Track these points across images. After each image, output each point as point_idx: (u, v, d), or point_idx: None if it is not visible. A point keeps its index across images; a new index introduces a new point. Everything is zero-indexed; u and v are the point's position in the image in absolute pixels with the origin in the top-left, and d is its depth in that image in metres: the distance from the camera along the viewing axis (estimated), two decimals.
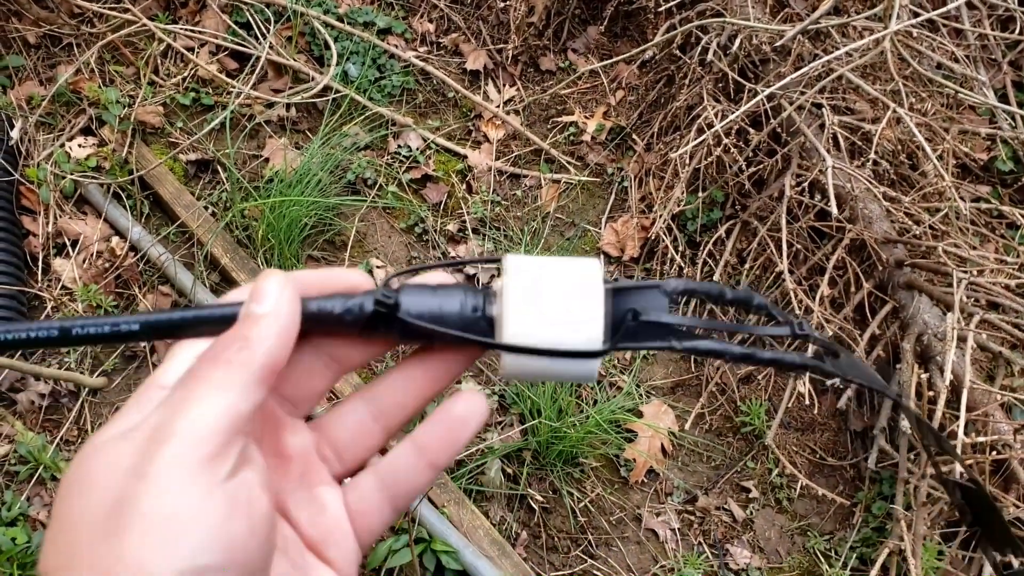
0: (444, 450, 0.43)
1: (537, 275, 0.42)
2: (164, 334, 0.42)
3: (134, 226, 1.97)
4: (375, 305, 0.42)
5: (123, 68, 2.17)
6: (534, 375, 0.43)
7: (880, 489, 1.90)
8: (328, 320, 0.42)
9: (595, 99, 2.39)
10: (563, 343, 0.41)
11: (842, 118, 1.96)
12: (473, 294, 0.44)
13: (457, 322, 0.43)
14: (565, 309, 0.42)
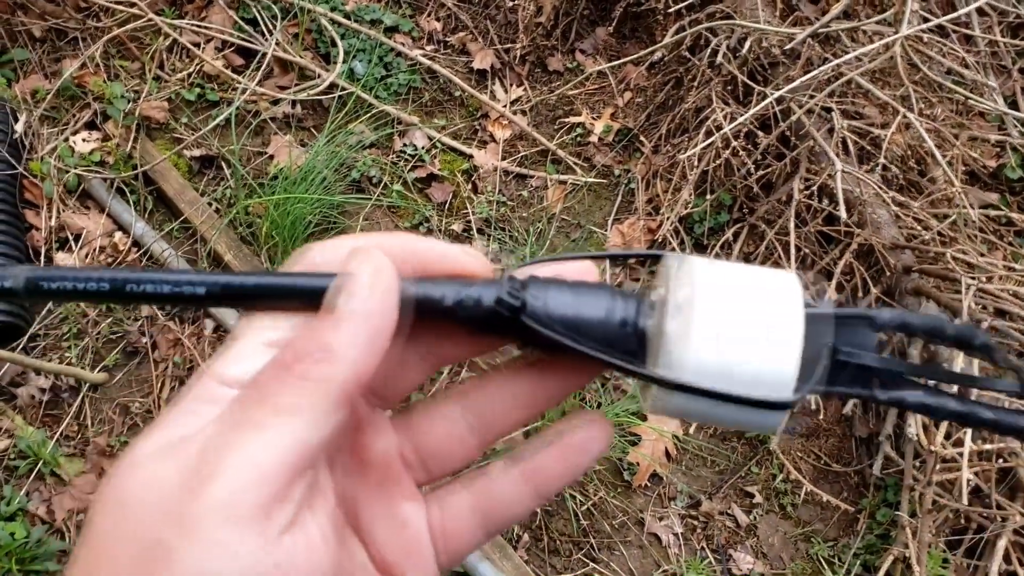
0: (556, 479, 0.37)
1: (718, 288, 0.33)
2: (235, 301, 0.34)
3: (137, 221, 1.96)
4: (497, 304, 0.34)
5: (128, 63, 2.16)
6: (693, 417, 0.34)
7: (885, 496, 1.88)
8: (434, 311, 0.34)
9: (603, 100, 2.38)
10: (744, 385, 0.32)
11: (851, 122, 1.95)
12: (623, 300, 0.35)
13: (599, 335, 0.34)
14: (753, 340, 0.32)
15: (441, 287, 0.35)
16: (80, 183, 1.97)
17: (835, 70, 1.89)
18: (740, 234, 2.05)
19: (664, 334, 0.33)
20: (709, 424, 0.33)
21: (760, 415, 0.32)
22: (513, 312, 0.34)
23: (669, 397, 0.33)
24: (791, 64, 2.01)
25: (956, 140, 1.98)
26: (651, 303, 0.35)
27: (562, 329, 0.34)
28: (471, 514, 0.37)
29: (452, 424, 0.37)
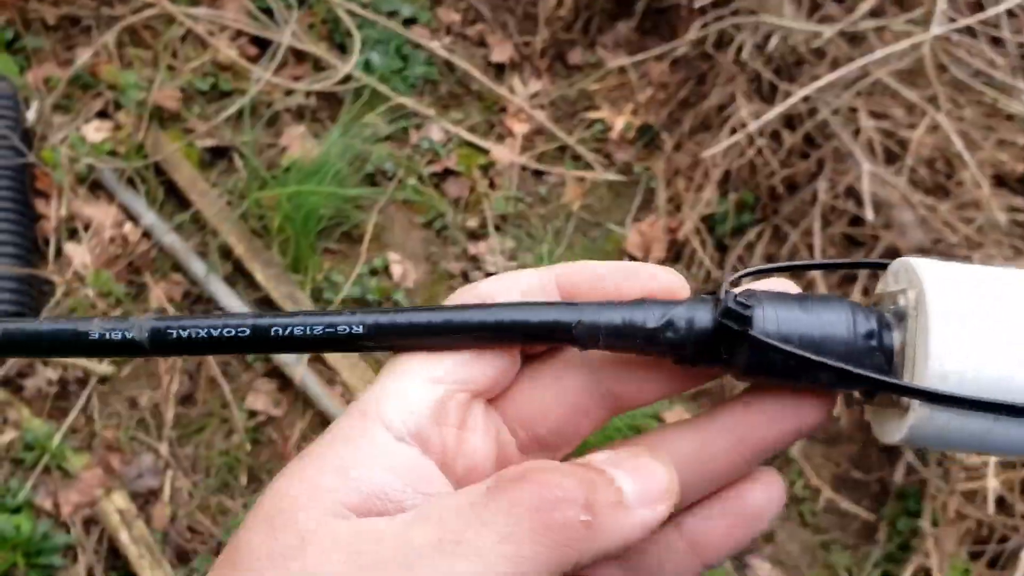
0: (724, 549, 0.33)
1: (970, 288, 0.29)
2: (398, 339, 0.31)
3: (147, 212, 1.93)
4: (724, 317, 0.29)
5: (141, 51, 2.13)
6: (955, 441, 0.29)
7: (906, 505, 1.85)
8: (632, 337, 0.30)
9: (623, 96, 2.34)
10: (1015, 391, 0.28)
11: (878, 123, 1.91)
12: (864, 314, 0.30)
13: (840, 352, 0.30)
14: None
15: (641, 310, 0.30)
16: (91, 172, 1.94)
17: (862, 69, 1.85)
18: (763, 235, 2.01)
19: (902, 347, 0.30)
20: (974, 451, 0.29)
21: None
22: (742, 325, 0.29)
23: (934, 419, 0.28)
24: (817, 62, 1.97)
25: (984, 143, 1.94)
26: (895, 314, 0.31)
27: (802, 346, 0.29)
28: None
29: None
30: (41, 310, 1.78)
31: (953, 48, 1.95)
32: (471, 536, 0.26)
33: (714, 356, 0.30)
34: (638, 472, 0.28)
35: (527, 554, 0.25)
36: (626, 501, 0.27)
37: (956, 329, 0.28)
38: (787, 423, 0.31)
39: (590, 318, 0.30)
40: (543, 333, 0.31)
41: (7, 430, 1.68)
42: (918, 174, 1.90)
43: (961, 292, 0.29)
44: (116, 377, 1.78)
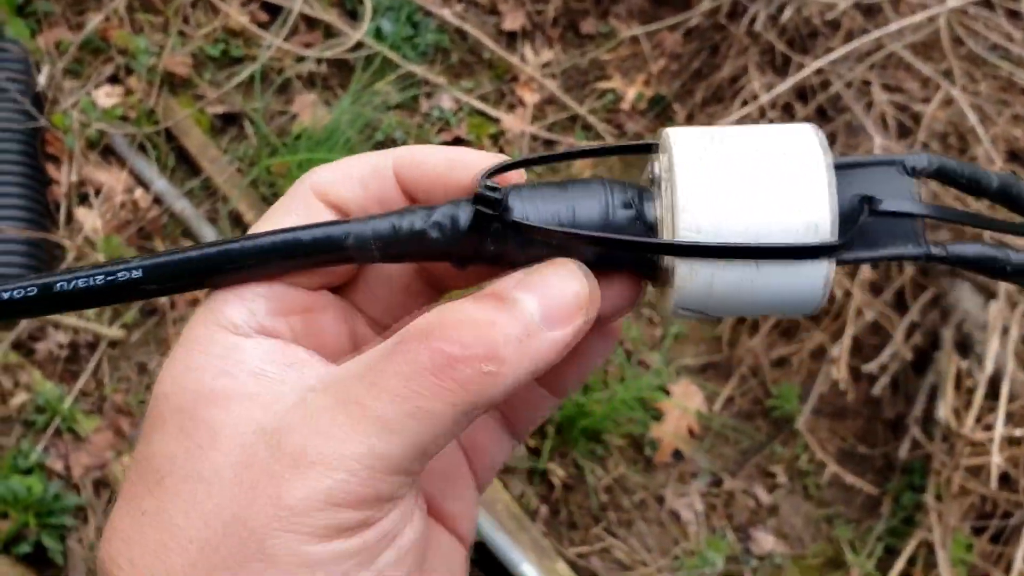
0: (572, 380, 0.35)
1: (718, 144, 0.29)
2: (192, 279, 0.31)
3: (158, 178, 1.93)
4: (476, 203, 0.29)
5: (152, 16, 2.12)
6: (725, 297, 0.29)
7: (910, 479, 1.85)
8: (403, 243, 0.30)
9: (636, 66, 2.32)
10: (770, 235, 0.28)
11: (891, 96, 1.89)
12: (620, 189, 0.30)
13: (599, 227, 0.30)
14: (771, 185, 0.28)
15: (407, 215, 0.30)
16: (102, 138, 1.94)
17: (876, 42, 1.83)
18: None
19: (661, 215, 0.29)
20: (743, 311, 0.29)
21: (802, 272, 0.28)
22: (495, 210, 0.29)
23: (695, 275, 0.28)
24: (831, 34, 1.95)
25: (999, 118, 1.92)
26: (652, 183, 0.30)
27: (557, 226, 0.29)
28: (498, 425, 0.35)
29: None
30: None
31: (969, 21, 1.93)
32: (371, 401, 0.26)
33: (483, 252, 0.30)
34: (547, 290, 0.28)
35: (430, 412, 0.26)
36: (534, 329, 0.27)
37: (706, 180, 0.28)
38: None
39: (358, 230, 0.30)
40: (319, 252, 0.30)
41: (19, 392, 1.70)
42: (931, 149, 1.88)
43: (709, 147, 0.29)
44: (126, 341, 1.80)
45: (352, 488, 0.25)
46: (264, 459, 0.26)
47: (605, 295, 0.31)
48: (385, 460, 0.25)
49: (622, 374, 1.88)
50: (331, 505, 0.25)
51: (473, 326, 0.27)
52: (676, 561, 1.77)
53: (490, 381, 0.26)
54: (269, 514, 0.25)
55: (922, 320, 1.85)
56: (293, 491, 0.25)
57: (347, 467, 0.25)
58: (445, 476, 0.34)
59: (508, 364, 0.26)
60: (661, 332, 1.97)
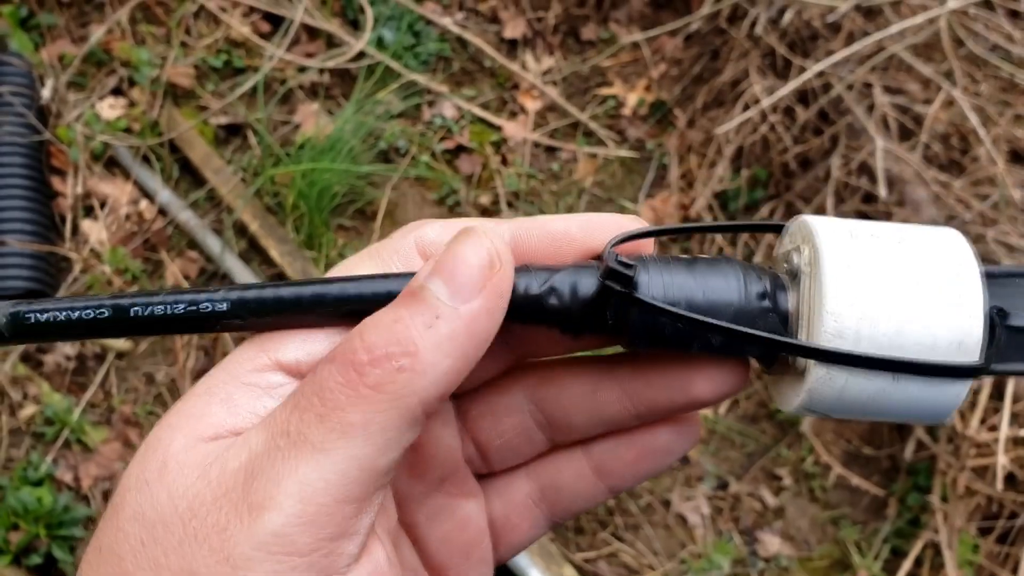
0: (631, 478, 0.33)
1: (867, 245, 0.28)
2: (271, 316, 0.28)
3: (163, 189, 1.94)
4: (607, 279, 0.28)
5: (155, 28, 2.13)
6: (855, 403, 0.28)
7: (916, 480, 1.85)
8: (515, 306, 0.28)
9: (636, 72, 2.33)
10: (914, 348, 0.26)
11: (892, 98, 1.89)
12: (755, 275, 0.29)
13: (731, 316, 0.28)
14: (921, 297, 0.27)
15: (522, 276, 0.28)
16: (106, 150, 1.95)
17: (877, 44, 1.83)
18: (776, 211, 2.00)
19: (797, 309, 0.28)
20: (871, 417, 0.28)
21: (940, 390, 0.27)
22: (625, 287, 0.27)
23: (831, 380, 0.27)
24: (832, 37, 1.95)
25: (1000, 118, 1.92)
26: (789, 273, 0.29)
27: (685, 309, 0.28)
28: (535, 506, 0.34)
29: (519, 419, 0.32)
30: (59, 287, 1.80)
31: (970, 22, 1.93)
32: (294, 426, 0.25)
33: (600, 323, 0.29)
34: (448, 266, 0.26)
35: (355, 424, 0.25)
36: (443, 310, 0.26)
37: (852, 283, 0.27)
38: (674, 391, 0.31)
39: None
40: None
41: (28, 404, 1.71)
42: (932, 150, 1.88)
43: (856, 245, 0.28)
44: (133, 353, 1.80)
45: (293, 531, 0.24)
46: (208, 507, 0.25)
47: (708, 379, 0.30)
48: (323, 488, 0.25)
49: None
50: (274, 554, 0.24)
51: (377, 328, 0.26)
52: (683, 564, 1.77)
53: (408, 377, 0.25)
54: (214, 569, 0.24)
55: None
56: (237, 544, 0.24)
57: (286, 509, 0.24)
58: (462, 551, 0.33)
59: (423, 353, 0.25)
60: None
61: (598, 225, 0.30)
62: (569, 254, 0.30)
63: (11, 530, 1.54)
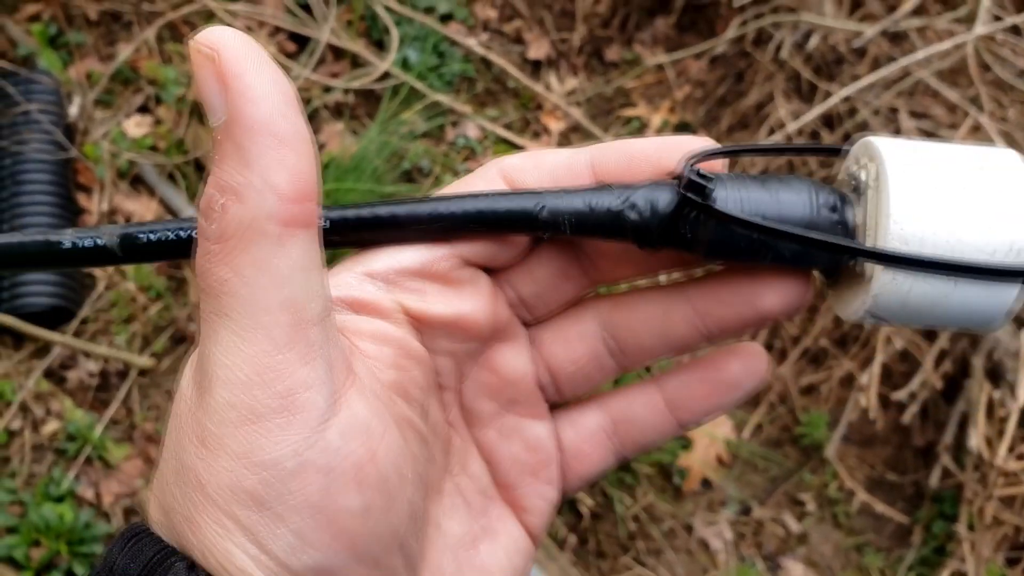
0: (701, 412, 0.34)
1: (927, 158, 0.30)
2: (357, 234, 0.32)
3: (188, 207, 1.95)
4: (687, 190, 0.29)
5: (182, 47, 2.15)
6: (918, 308, 0.30)
7: (941, 508, 1.83)
8: (596, 221, 0.30)
9: (660, 93, 2.33)
10: (972, 252, 0.28)
11: (918, 123, 1.89)
12: (825, 190, 0.31)
13: (803, 226, 0.30)
14: (977, 202, 0.29)
15: (602, 193, 0.31)
16: (132, 167, 1.97)
17: (903, 69, 1.83)
18: None
19: (863, 222, 0.30)
20: (928, 323, 0.30)
21: (995, 292, 0.29)
22: (703, 198, 0.29)
23: (896, 284, 0.29)
24: (857, 61, 1.95)
25: None
26: (855, 190, 0.31)
27: (760, 220, 0.29)
28: (605, 437, 0.35)
29: (591, 345, 0.34)
30: (83, 303, 1.80)
31: (997, 47, 1.93)
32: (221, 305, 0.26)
33: (677, 236, 0.30)
34: (214, 93, 0.26)
35: (232, 277, 0.26)
36: (218, 126, 0.26)
37: (914, 192, 0.29)
38: (743, 306, 0.32)
39: (552, 204, 0.30)
40: (508, 222, 0.31)
41: (50, 421, 1.71)
42: None
43: (917, 160, 0.29)
44: (156, 370, 1.81)
45: (242, 397, 0.25)
46: (186, 399, 0.27)
47: (776, 291, 0.31)
48: (243, 344, 0.26)
49: None
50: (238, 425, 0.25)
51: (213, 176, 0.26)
52: None
53: (231, 209, 0.26)
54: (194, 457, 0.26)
55: (952, 348, 1.84)
56: (205, 427, 0.26)
57: (224, 377, 0.26)
58: (531, 470, 0.34)
59: (228, 182, 0.26)
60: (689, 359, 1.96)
61: (674, 145, 0.31)
62: (646, 172, 0.31)
63: (33, 546, 1.55)
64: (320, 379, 0.26)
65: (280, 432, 0.25)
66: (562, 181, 0.32)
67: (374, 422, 0.27)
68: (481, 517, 0.34)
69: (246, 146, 0.25)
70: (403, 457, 0.28)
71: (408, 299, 0.31)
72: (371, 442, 0.27)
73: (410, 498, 0.28)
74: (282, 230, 0.26)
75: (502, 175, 0.32)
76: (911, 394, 1.78)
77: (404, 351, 0.30)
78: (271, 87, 0.27)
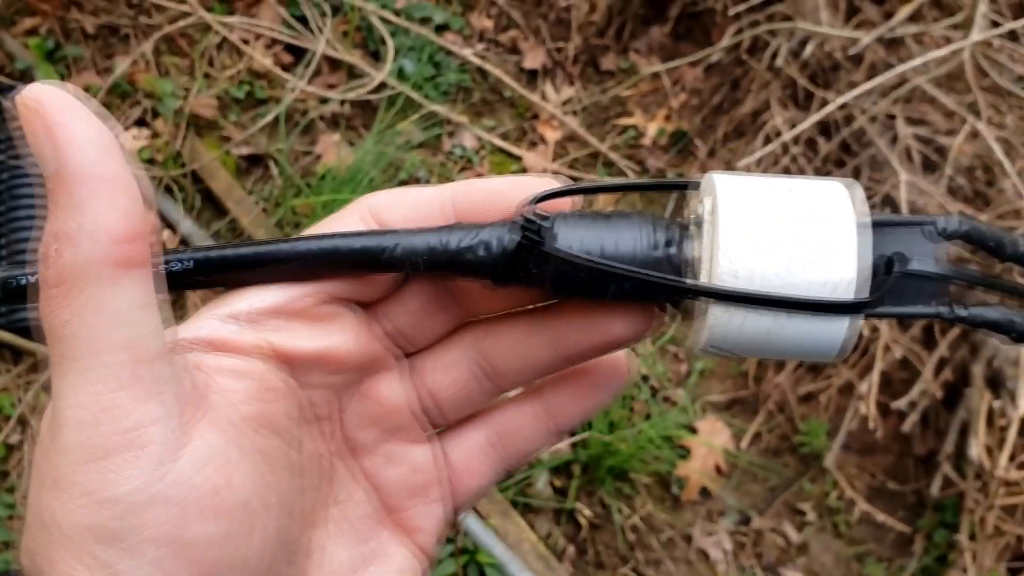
0: (575, 416, 0.36)
1: (761, 195, 0.30)
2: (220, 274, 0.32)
3: (184, 219, 1.95)
4: (522, 233, 0.30)
5: (178, 60, 2.15)
6: (754, 341, 0.30)
7: (943, 517, 1.82)
8: (446, 260, 0.31)
9: (656, 102, 2.32)
10: (800, 287, 0.29)
11: (915, 130, 1.88)
12: (662, 226, 0.31)
13: (641, 262, 0.31)
14: (806, 240, 0.29)
15: (451, 232, 0.32)
16: None
17: (900, 76, 1.82)
18: None
19: (697, 256, 0.31)
20: (767, 354, 0.31)
21: (828, 326, 0.29)
22: (539, 237, 0.30)
23: (730, 318, 0.30)
24: (854, 68, 1.95)
25: None
26: (696, 223, 0.32)
27: (601, 259, 0.31)
28: (490, 450, 0.36)
29: (468, 369, 0.35)
30: None
31: (994, 53, 1.92)
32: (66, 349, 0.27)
33: (524, 274, 0.31)
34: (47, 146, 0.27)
35: (71, 320, 0.26)
36: (51, 178, 0.27)
37: (746, 228, 0.29)
38: (595, 334, 0.33)
39: (407, 243, 0.31)
40: (364, 261, 0.32)
41: None
42: (956, 183, 1.87)
43: (751, 195, 0.30)
44: None
45: (88, 435, 0.26)
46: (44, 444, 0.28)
47: (622, 322, 0.33)
48: (84, 385, 0.26)
49: (648, 411, 1.87)
50: (86, 463, 0.26)
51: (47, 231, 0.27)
52: None
53: (65, 253, 0.26)
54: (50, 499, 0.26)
55: (951, 356, 1.83)
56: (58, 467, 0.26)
57: (71, 416, 0.26)
58: (418, 491, 0.35)
59: (61, 226, 0.26)
60: (687, 368, 1.95)
61: (528, 184, 0.32)
62: (501, 210, 0.32)
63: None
64: (167, 413, 0.27)
65: (129, 467, 0.26)
66: (425, 218, 0.33)
67: (230, 451, 0.28)
68: (369, 541, 0.34)
69: (76, 192, 0.26)
70: (264, 485, 0.29)
71: (272, 337, 0.32)
72: (226, 471, 0.27)
73: (277, 525, 0.29)
74: (116, 270, 0.26)
75: (369, 212, 0.33)
76: (911, 403, 1.78)
77: (266, 384, 0.31)
78: (94, 134, 0.28)
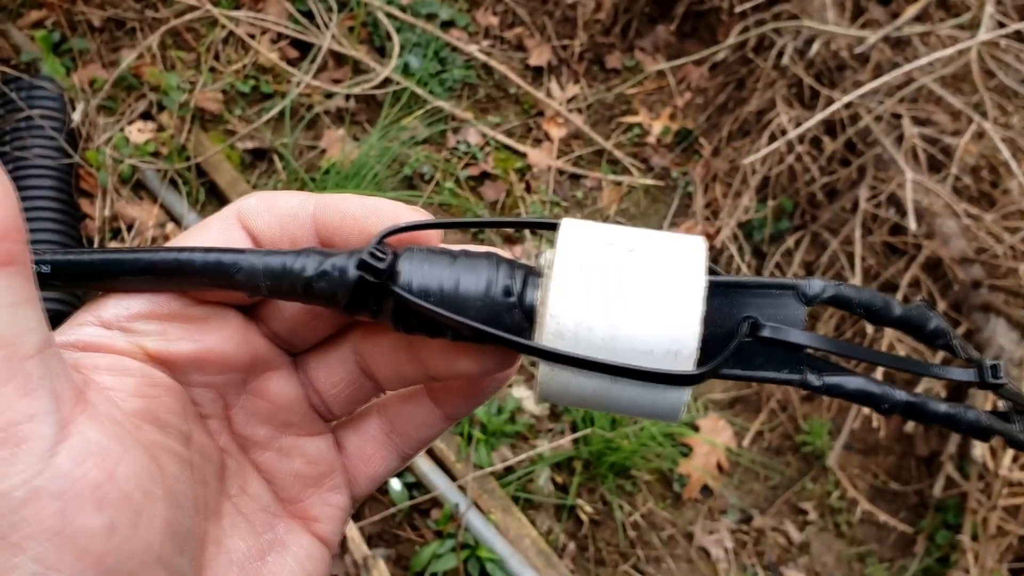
0: (465, 404, 0.36)
1: (600, 255, 0.28)
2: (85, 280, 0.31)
3: (189, 212, 1.95)
4: (359, 269, 0.29)
5: (184, 53, 2.15)
6: (582, 399, 0.29)
7: (945, 518, 1.82)
8: (291, 285, 0.30)
9: (661, 100, 2.32)
10: (624, 354, 0.28)
11: (922, 130, 1.88)
12: (508, 270, 0.30)
13: (479, 308, 0.30)
14: (641, 306, 0.28)
15: (301, 258, 0.31)
16: (134, 173, 1.97)
17: (906, 75, 1.82)
18: (802, 242, 1.99)
19: (545, 307, 0.29)
20: (602, 410, 0.30)
21: (659, 393, 0.28)
22: (376, 277, 0.29)
23: (555, 376, 0.29)
24: (860, 68, 1.94)
25: None
26: (538, 272, 0.31)
27: (439, 302, 0.30)
28: (385, 439, 0.37)
29: (349, 369, 0.36)
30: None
31: (1001, 53, 1.92)
32: None
33: (366, 308, 0.31)
34: None
35: None
36: None
37: (574, 288, 0.28)
38: (446, 364, 0.33)
39: (250, 263, 0.30)
40: (208, 276, 0.31)
41: None
42: (962, 182, 1.86)
43: (590, 254, 0.28)
44: None
45: None
46: None
47: (471, 361, 0.32)
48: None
49: None
50: None
51: None
52: None
53: None
54: None
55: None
56: None
57: None
58: (313, 482, 0.35)
59: None
60: None
61: (387, 210, 0.32)
62: (354, 233, 0.32)
63: None
64: (44, 409, 0.26)
65: (7, 465, 0.25)
66: (288, 229, 0.32)
67: (111, 445, 0.28)
68: (267, 532, 0.34)
69: None
70: (149, 478, 0.28)
71: (145, 341, 0.32)
72: (107, 464, 0.27)
73: (165, 516, 0.28)
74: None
75: (238, 217, 0.33)
76: None
77: (149, 381, 0.31)
78: None
